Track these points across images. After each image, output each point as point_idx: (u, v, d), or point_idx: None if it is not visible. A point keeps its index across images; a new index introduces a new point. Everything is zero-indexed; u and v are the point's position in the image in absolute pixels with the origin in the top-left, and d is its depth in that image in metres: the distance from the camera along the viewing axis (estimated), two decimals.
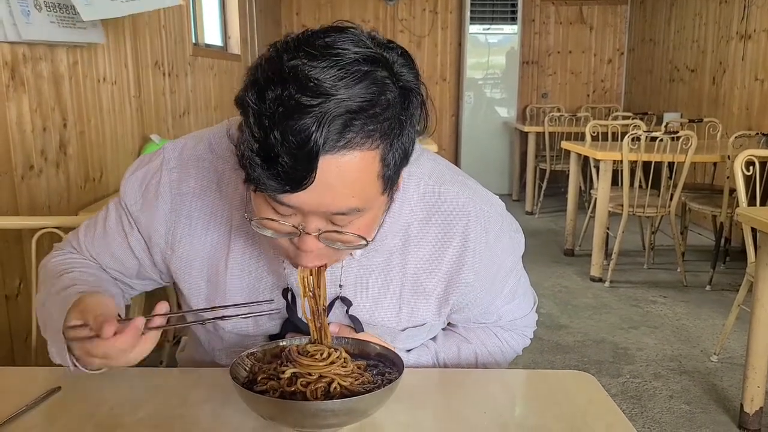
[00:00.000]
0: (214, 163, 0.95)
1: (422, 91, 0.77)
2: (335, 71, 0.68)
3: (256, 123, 0.69)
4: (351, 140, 0.69)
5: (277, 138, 0.67)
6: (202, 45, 4.24)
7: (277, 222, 0.77)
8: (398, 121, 0.73)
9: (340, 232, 0.77)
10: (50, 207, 2.18)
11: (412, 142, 0.77)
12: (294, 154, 0.67)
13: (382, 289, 0.95)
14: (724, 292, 3.71)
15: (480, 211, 0.95)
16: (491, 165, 6.60)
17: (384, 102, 0.71)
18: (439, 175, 0.96)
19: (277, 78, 0.69)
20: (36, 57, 2.11)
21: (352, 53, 0.69)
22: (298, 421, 0.78)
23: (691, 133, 3.61)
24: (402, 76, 0.74)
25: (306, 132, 0.66)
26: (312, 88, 0.67)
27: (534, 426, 0.85)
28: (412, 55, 0.77)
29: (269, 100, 0.68)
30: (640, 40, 6.62)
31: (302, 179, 0.69)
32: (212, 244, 0.96)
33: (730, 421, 2.37)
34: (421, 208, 0.94)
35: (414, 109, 0.76)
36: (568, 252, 4.49)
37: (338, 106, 0.67)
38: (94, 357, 0.79)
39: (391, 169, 0.76)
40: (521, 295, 1.08)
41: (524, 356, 2.86)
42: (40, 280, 1.03)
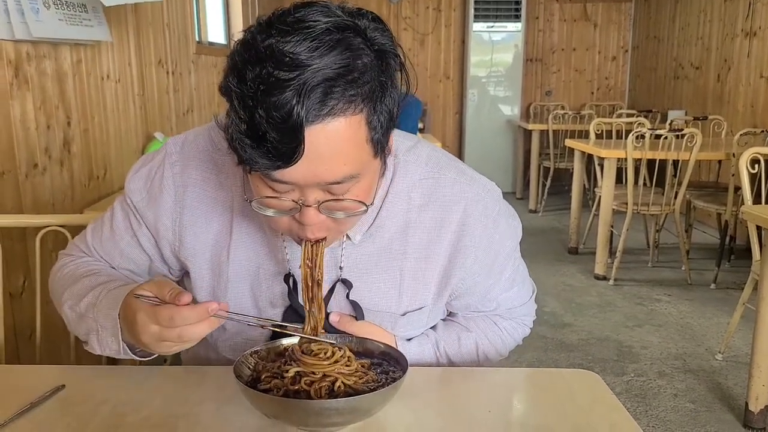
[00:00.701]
0: (214, 155, 0.97)
1: (399, 53, 0.78)
2: (308, 43, 0.69)
3: (241, 105, 0.70)
4: (333, 107, 0.70)
5: (262, 115, 0.68)
6: (205, 43, 4.24)
7: (277, 199, 0.78)
8: (379, 83, 0.74)
9: (339, 200, 0.78)
10: (54, 205, 2.19)
11: (395, 103, 0.78)
12: (280, 129, 0.69)
13: (381, 273, 0.96)
14: (729, 291, 3.70)
15: (477, 196, 0.96)
16: (495, 163, 6.59)
17: (361, 66, 0.72)
18: (436, 162, 0.97)
19: (255, 58, 0.70)
20: (40, 55, 2.11)
21: (323, 23, 0.71)
22: (301, 419, 0.78)
23: (695, 131, 3.60)
24: (376, 40, 0.75)
25: (287, 106, 0.68)
26: (288, 63, 0.68)
27: (538, 425, 0.84)
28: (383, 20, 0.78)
29: (249, 81, 0.69)
30: (645, 38, 6.59)
31: (292, 152, 0.70)
32: (215, 233, 0.98)
33: (735, 419, 2.36)
34: (419, 193, 0.95)
35: (393, 71, 0.77)
36: (572, 250, 4.49)
37: (315, 75, 0.68)
38: (155, 323, 0.80)
39: (379, 132, 0.76)
40: (520, 283, 1.09)
41: (528, 354, 2.86)
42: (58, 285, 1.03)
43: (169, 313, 0.78)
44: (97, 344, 0.92)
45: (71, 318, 0.97)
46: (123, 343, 0.88)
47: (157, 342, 0.81)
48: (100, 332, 0.91)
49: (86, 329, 0.93)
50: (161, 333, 0.80)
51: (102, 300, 0.92)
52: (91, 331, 0.92)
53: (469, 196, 0.95)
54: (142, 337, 0.82)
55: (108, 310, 0.89)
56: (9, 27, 1.91)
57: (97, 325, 0.91)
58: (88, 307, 0.93)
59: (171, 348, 0.83)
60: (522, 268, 1.10)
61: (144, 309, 0.81)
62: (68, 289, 0.99)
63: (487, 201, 0.96)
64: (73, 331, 0.99)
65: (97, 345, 0.92)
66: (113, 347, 0.90)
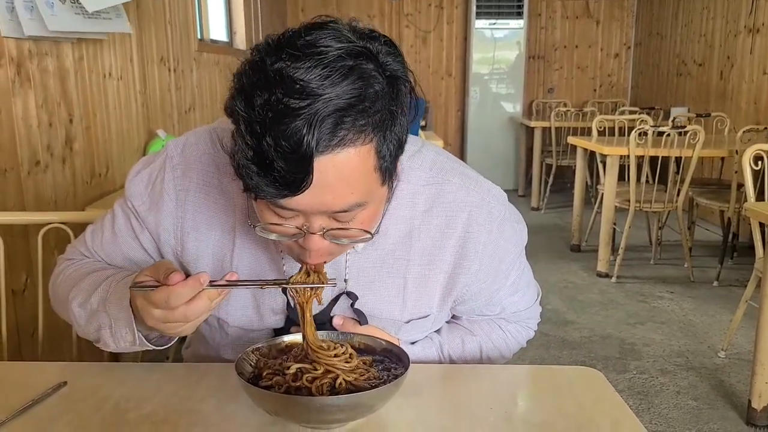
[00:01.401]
0: (215, 158, 0.96)
1: (410, 77, 0.77)
2: (320, 70, 0.67)
3: (248, 130, 0.69)
4: (344, 138, 0.69)
5: (270, 144, 0.67)
6: (207, 40, 4.24)
7: (281, 226, 0.77)
8: (389, 112, 0.73)
9: (344, 229, 0.77)
10: (56, 202, 2.19)
11: (405, 130, 0.77)
12: (288, 159, 0.67)
13: (385, 281, 0.96)
14: (732, 288, 3.69)
15: (482, 202, 0.95)
16: (497, 160, 6.58)
17: (372, 95, 0.70)
18: (440, 167, 0.96)
19: (263, 83, 0.68)
20: (42, 52, 2.11)
21: (334, 50, 0.69)
22: (303, 416, 0.78)
23: (698, 128, 3.59)
24: (388, 66, 0.73)
25: (297, 135, 0.66)
26: (299, 90, 0.66)
27: (540, 422, 0.84)
28: (395, 42, 0.77)
29: (258, 107, 0.68)
30: (647, 34, 6.58)
31: (300, 182, 0.69)
32: (217, 239, 0.97)
33: (737, 417, 2.35)
34: (423, 199, 0.94)
35: (404, 97, 0.76)
36: (575, 247, 4.48)
37: (327, 105, 0.67)
38: (155, 307, 0.79)
39: (388, 161, 0.75)
40: (524, 287, 1.08)
41: (530, 351, 2.86)
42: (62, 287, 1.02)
43: (163, 296, 0.77)
44: (110, 339, 0.90)
45: (80, 317, 0.95)
46: (138, 333, 0.87)
47: (165, 324, 0.80)
48: (114, 325, 0.89)
49: (98, 325, 0.91)
50: (164, 315, 0.79)
51: (112, 292, 0.91)
52: (104, 326, 0.90)
53: (473, 202, 0.94)
54: (149, 322, 0.81)
55: (119, 301, 0.88)
56: (18, 24, 1.91)
57: (109, 319, 0.89)
58: (100, 301, 0.92)
59: (182, 328, 0.81)
60: (527, 272, 1.09)
61: (141, 297, 0.81)
62: (75, 287, 0.98)
63: (492, 206, 0.95)
64: (82, 331, 0.96)
65: (110, 340, 0.90)
66: (128, 338, 0.88)
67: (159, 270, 0.82)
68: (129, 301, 0.86)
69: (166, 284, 0.78)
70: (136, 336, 0.87)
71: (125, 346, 0.90)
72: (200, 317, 0.80)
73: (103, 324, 0.90)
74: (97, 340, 0.93)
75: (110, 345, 0.91)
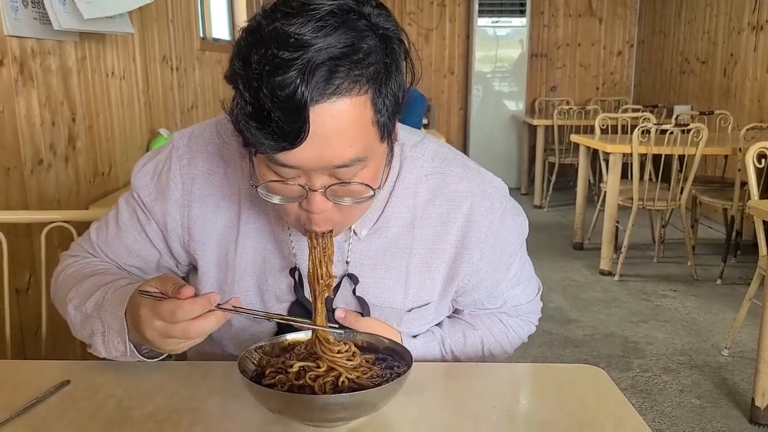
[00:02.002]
0: (220, 147, 0.97)
1: (403, 38, 0.78)
2: (313, 24, 0.69)
3: (246, 87, 0.70)
4: (339, 87, 0.70)
5: (266, 95, 0.68)
6: (209, 39, 4.24)
7: (283, 184, 0.77)
8: (384, 65, 0.74)
9: (346, 184, 0.77)
10: (59, 201, 2.19)
11: (401, 89, 0.77)
12: (284, 108, 0.68)
13: (388, 269, 0.96)
14: (735, 286, 3.69)
15: (484, 192, 0.95)
16: (500, 159, 6.58)
17: (366, 48, 0.71)
18: (443, 157, 0.97)
19: (259, 42, 0.70)
20: (44, 51, 2.11)
21: (327, 5, 0.71)
22: (306, 414, 0.78)
23: (701, 126, 3.58)
24: (380, 24, 0.74)
25: (292, 84, 0.67)
26: (292, 43, 0.68)
27: (543, 420, 0.84)
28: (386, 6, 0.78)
29: (254, 63, 0.69)
30: (650, 32, 6.56)
31: (297, 132, 0.69)
32: (222, 226, 0.97)
33: (741, 415, 2.35)
34: (425, 189, 0.95)
35: (397, 55, 0.76)
36: (577, 246, 4.48)
37: (319, 54, 0.68)
38: (158, 318, 0.79)
39: (384, 116, 0.76)
40: (526, 280, 1.09)
41: (533, 349, 2.86)
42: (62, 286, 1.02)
43: (171, 307, 0.77)
44: (102, 346, 0.90)
45: (76, 319, 0.95)
46: (129, 344, 0.87)
47: (163, 339, 0.80)
48: (107, 332, 0.89)
49: (91, 331, 0.92)
50: (165, 329, 0.79)
51: (108, 299, 0.91)
52: (96, 333, 0.91)
53: (475, 192, 0.95)
54: (147, 334, 0.81)
55: (115, 309, 0.88)
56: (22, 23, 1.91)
57: (103, 326, 0.90)
58: (95, 307, 0.92)
59: (178, 345, 0.82)
60: (528, 266, 1.09)
61: (147, 304, 0.81)
62: (73, 288, 0.98)
63: (494, 197, 0.96)
64: (77, 333, 0.97)
65: (102, 347, 0.90)
66: (119, 348, 0.88)
67: (166, 283, 0.82)
68: (124, 311, 0.86)
69: (176, 297, 0.78)
70: (128, 347, 0.87)
71: (116, 355, 0.90)
72: (199, 338, 0.81)
73: (96, 330, 0.91)
74: (90, 345, 0.94)
75: (101, 352, 0.91)
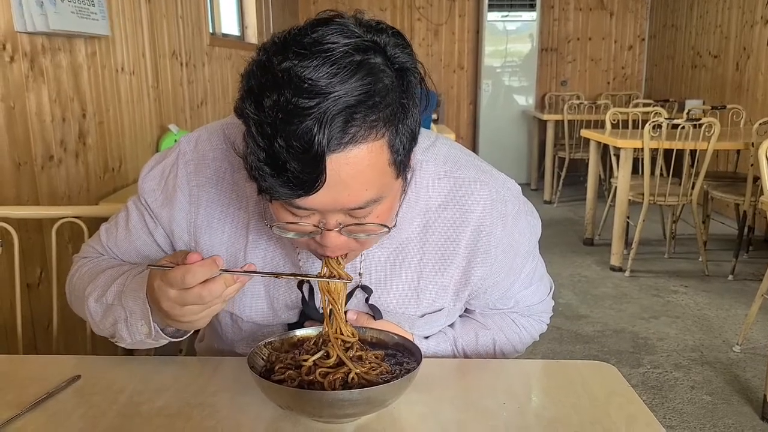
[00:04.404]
0: (227, 153, 0.95)
1: (419, 68, 0.76)
2: (328, 68, 0.66)
3: (259, 132, 0.68)
4: (355, 135, 0.68)
5: (282, 145, 0.67)
6: (219, 35, 4.24)
7: (298, 224, 0.77)
8: (400, 105, 0.72)
9: (360, 224, 0.77)
10: (70, 197, 2.20)
11: (417, 122, 0.76)
12: (301, 159, 0.67)
13: (400, 275, 0.95)
14: (747, 282, 3.65)
15: (497, 195, 0.94)
16: (509, 154, 6.56)
17: (382, 89, 0.69)
18: (455, 160, 0.95)
19: (271, 83, 0.67)
20: (55, 47, 2.12)
21: (342, 46, 0.68)
22: (315, 410, 0.78)
23: (713, 120, 3.55)
24: (397, 58, 0.72)
25: (308, 135, 0.66)
26: (307, 89, 0.66)
27: (553, 417, 0.84)
28: (403, 34, 0.76)
29: (267, 108, 0.67)
30: (662, 26, 6.51)
31: (313, 182, 0.68)
32: (230, 234, 0.97)
33: (752, 412, 2.33)
34: (437, 193, 0.94)
35: (414, 88, 0.75)
36: (588, 241, 4.46)
37: (336, 103, 0.66)
38: (170, 287, 0.78)
39: (401, 154, 0.75)
40: (538, 280, 1.08)
41: (543, 345, 2.85)
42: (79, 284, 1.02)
43: (180, 273, 0.76)
44: (126, 332, 0.90)
45: (96, 313, 0.95)
46: (154, 324, 0.86)
47: (180, 308, 0.79)
48: (129, 318, 0.89)
49: (113, 319, 0.91)
50: (180, 297, 0.78)
51: (129, 285, 0.91)
52: (119, 320, 0.90)
53: (488, 195, 0.94)
54: (163, 305, 0.79)
55: (135, 293, 0.88)
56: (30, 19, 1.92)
57: (125, 312, 0.89)
58: (116, 294, 0.92)
59: (198, 315, 0.80)
60: (540, 265, 1.08)
61: (158, 275, 0.80)
62: (91, 283, 0.98)
63: (507, 199, 0.95)
64: (98, 328, 0.96)
65: (126, 333, 0.90)
66: (143, 331, 0.87)
67: (178, 257, 0.81)
68: (145, 292, 0.86)
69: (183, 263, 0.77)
70: (152, 327, 0.86)
71: (141, 339, 0.89)
72: (215, 305, 0.79)
73: (119, 318, 0.90)
74: (113, 335, 0.93)
75: (126, 339, 0.91)
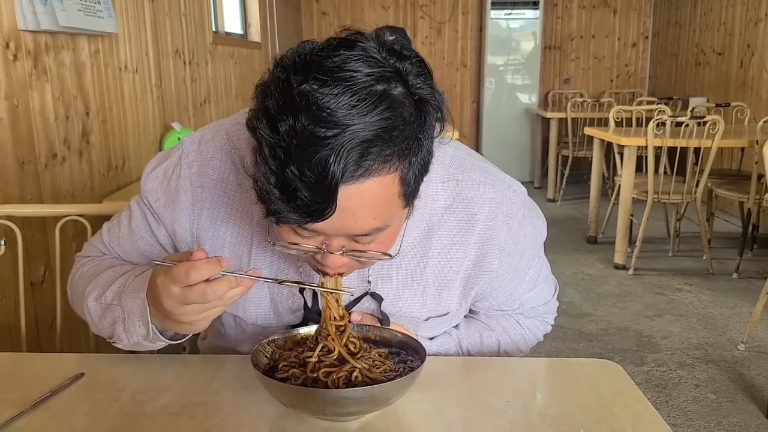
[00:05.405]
0: (231, 154, 0.94)
1: (438, 97, 0.75)
2: (348, 98, 0.65)
3: (271, 155, 0.67)
4: (369, 168, 0.68)
5: (294, 172, 0.66)
6: (222, 33, 4.25)
7: (300, 245, 0.77)
8: (416, 139, 0.71)
9: (363, 251, 0.78)
10: (74, 195, 2.21)
11: (430, 153, 0.76)
12: (313, 188, 0.66)
13: (405, 279, 0.95)
14: (752, 280, 3.65)
15: (502, 198, 0.94)
16: (513, 152, 6.54)
17: (400, 123, 0.69)
18: (460, 163, 0.95)
19: (289, 107, 0.66)
20: (58, 45, 2.12)
21: (363, 75, 0.67)
22: (319, 408, 0.78)
23: (718, 118, 3.54)
24: (417, 89, 0.71)
25: (323, 165, 0.65)
26: (326, 119, 0.65)
27: (558, 415, 0.83)
28: (426, 61, 0.75)
29: (283, 132, 0.66)
30: (666, 24, 6.49)
31: (323, 210, 0.68)
32: (234, 235, 0.96)
33: (757, 410, 2.33)
34: (442, 196, 0.93)
35: (431, 120, 0.74)
36: (591, 239, 4.45)
37: (354, 136, 0.65)
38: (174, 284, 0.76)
39: (412, 186, 0.74)
40: (543, 282, 1.08)
41: (547, 344, 2.84)
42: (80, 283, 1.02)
43: (185, 268, 0.75)
44: (123, 333, 0.89)
45: (95, 312, 0.94)
46: (152, 326, 0.85)
47: (182, 306, 0.77)
48: (127, 318, 0.88)
49: (112, 319, 0.91)
50: (182, 294, 0.76)
51: (129, 285, 0.90)
52: (117, 320, 0.89)
53: (494, 198, 0.93)
54: (165, 303, 0.78)
55: (136, 293, 0.87)
56: (34, 17, 1.92)
57: (124, 313, 0.88)
58: (115, 294, 0.91)
59: (198, 315, 0.79)
60: (545, 267, 1.08)
61: (162, 271, 0.79)
62: (92, 282, 0.97)
63: (512, 202, 0.94)
64: (97, 328, 0.96)
65: (123, 334, 0.89)
66: (141, 332, 0.86)
67: (182, 257, 0.80)
68: (145, 293, 0.85)
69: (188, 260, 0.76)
70: (150, 329, 0.85)
71: (138, 341, 0.89)
72: (216, 307, 0.78)
73: (117, 318, 0.90)
74: (111, 336, 0.93)
75: (123, 340, 0.90)
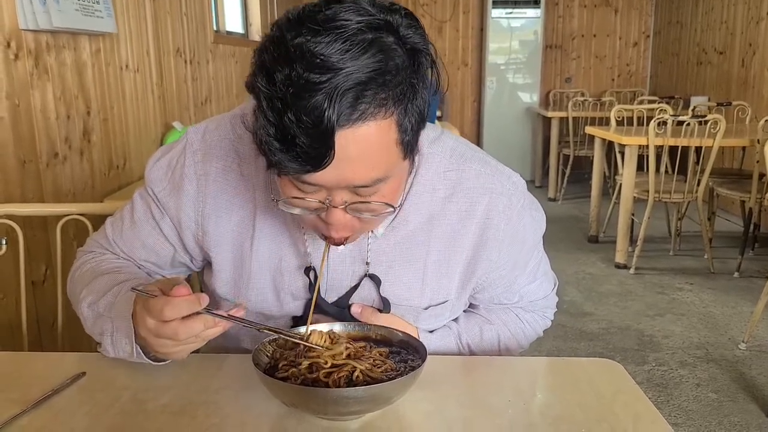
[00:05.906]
0: (235, 143, 0.96)
1: (431, 50, 0.76)
2: (340, 44, 0.67)
3: (269, 106, 0.69)
4: (364, 111, 0.68)
5: (292, 119, 0.67)
6: (223, 32, 4.24)
7: (304, 200, 0.77)
8: (410, 85, 0.72)
9: (366, 203, 0.77)
10: (75, 194, 2.21)
11: (426, 103, 0.76)
12: (310, 134, 0.67)
13: (405, 266, 0.96)
14: (753, 279, 3.64)
15: (502, 188, 0.95)
16: (514, 151, 6.54)
17: (393, 68, 0.70)
18: (461, 153, 0.96)
19: (284, 58, 0.68)
20: (59, 45, 2.12)
21: (354, 23, 0.68)
22: (320, 408, 0.78)
23: (719, 117, 3.54)
24: (408, 38, 0.73)
25: (319, 110, 0.66)
26: (319, 65, 0.66)
27: (559, 414, 0.83)
28: (416, 16, 0.76)
29: (279, 82, 0.67)
30: (667, 23, 6.48)
31: (322, 157, 0.69)
32: (237, 223, 0.97)
33: (758, 409, 2.33)
34: (443, 186, 0.94)
35: (424, 69, 0.75)
36: (592, 239, 4.44)
37: (347, 79, 0.66)
38: (149, 316, 0.78)
39: (409, 134, 0.75)
40: (542, 275, 1.08)
41: (548, 343, 2.84)
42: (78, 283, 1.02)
43: (161, 304, 0.77)
44: (110, 346, 0.90)
45: (89, 317, 0.95)
46: (136, 346, 0.86)
47: (155, 339, 0.80)
48: (115, 333, 0.89)
49: (101, 330, 0.92)
50: (156, 328, 0.78)
51: (120, 299, 0.91)
52: (105, 333, 0.90)
53: (493, 189, 0.94)
54: (141, 332, 0.80)
55: (123, 311, 0.88)
56: (33, 16, 1.92)
57: (112, 326, 0.90)
58: (106, 306, 0.92)
59: (171, 348, 0.80)
60: (544, 261, 1.09)
61: (140, 302, 0.81)
62: (88, 286, 0.98)
63: (512, 193, 0.95)
64: (89, 331, 0.97)
65: (110, 347, 0.90)
66: (126, 349, 0.88)
67: (167, 285, 0.81)
68: (132, 313, 0.86)
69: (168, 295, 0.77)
70: (134, 348, 0.87)
71: (123, 356, 0.90)
72: (190, 344, 0.80)
73: (105, 330, 0.91)
74: (99, 344, 0.94)
75: (110, 352, 0.91)
